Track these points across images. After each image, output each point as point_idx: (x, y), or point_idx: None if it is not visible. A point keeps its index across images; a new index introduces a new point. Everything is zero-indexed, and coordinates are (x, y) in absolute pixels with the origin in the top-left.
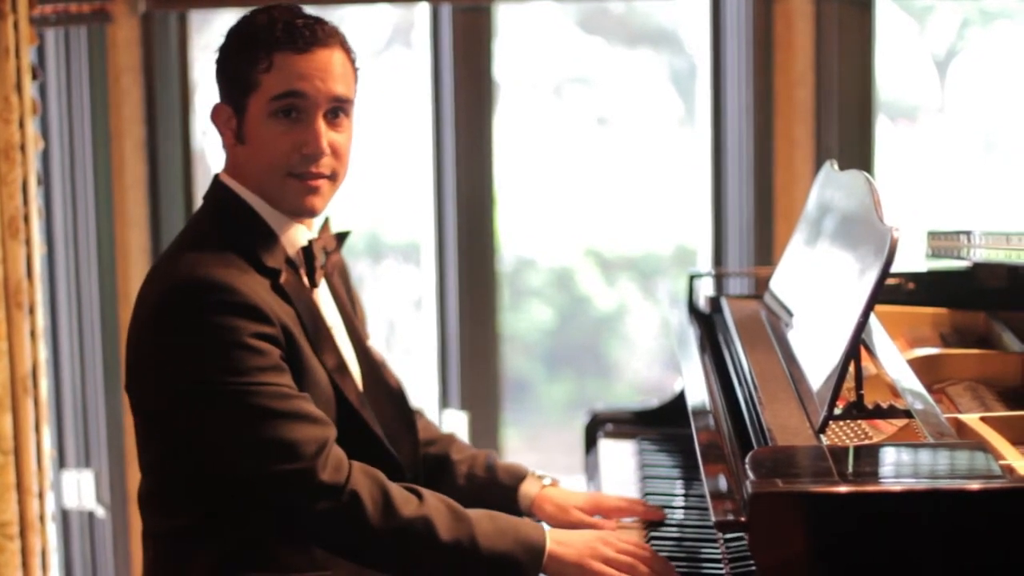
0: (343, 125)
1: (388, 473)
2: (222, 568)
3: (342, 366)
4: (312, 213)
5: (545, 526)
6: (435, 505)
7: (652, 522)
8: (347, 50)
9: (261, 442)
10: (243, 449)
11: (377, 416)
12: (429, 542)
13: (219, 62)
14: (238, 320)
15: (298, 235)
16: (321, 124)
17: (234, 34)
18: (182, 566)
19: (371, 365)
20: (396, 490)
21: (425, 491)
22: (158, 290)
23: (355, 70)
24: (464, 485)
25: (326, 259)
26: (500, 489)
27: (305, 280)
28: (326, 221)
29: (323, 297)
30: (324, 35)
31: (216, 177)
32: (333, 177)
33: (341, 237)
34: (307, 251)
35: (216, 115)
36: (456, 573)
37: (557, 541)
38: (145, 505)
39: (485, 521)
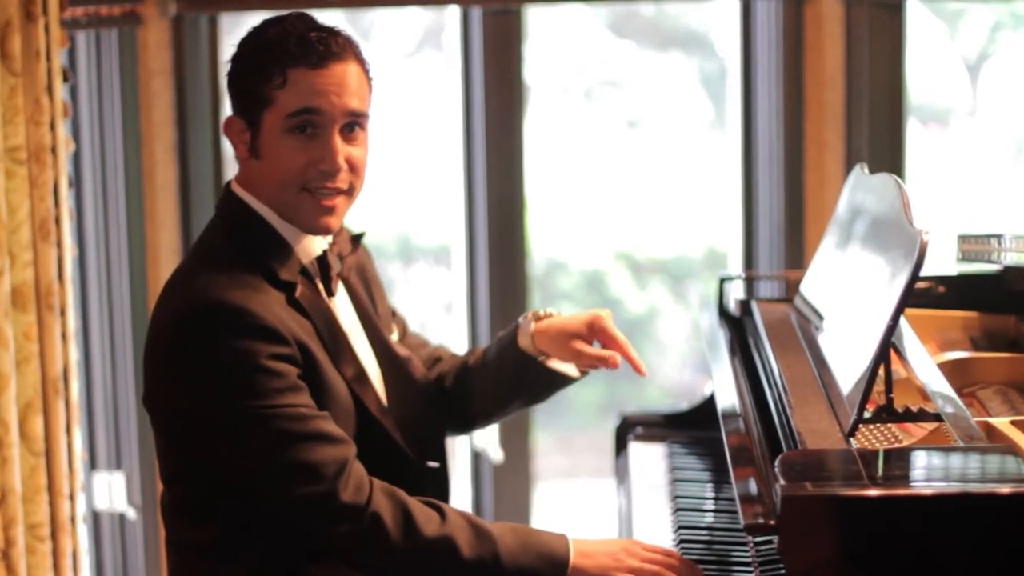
0: (359, 139)
1: (410, 480)
2: None
3: (361, 375)
4: (327, 231)
5: (568, 537)
6: (457, 523)
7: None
8: (361, 62)
9: (281, 465)
10: (263, 473)
11: (402, 414)
12: (452, 561)
13: (231, 74)
14: (254, 343)
15: (312, 245)
16: (337, 139)
17: (246, 48)
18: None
19: (394, 363)
20: (418, 509)
21: (447, 508)
22: (173, 312)
23: (369, 81)
24: (485, 369)
25: (341, 264)
26: (506, 346)
27: (321, 289)
28: (342, 229)
29: (340, 303)
30: (339, 48)
31: (228, 187)
32: (350, 192)
33: (355, 239)
34: (322, 260)
35: (229, 127)
36: None
37: (581, 553)
38: (168, 514)
39: (508, 536)
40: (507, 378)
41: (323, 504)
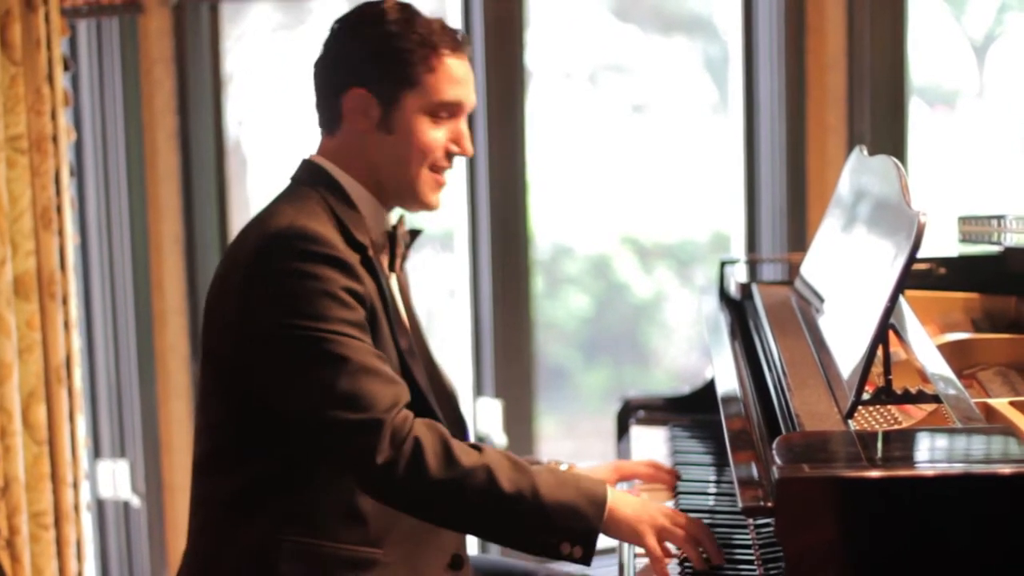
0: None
1: None
2: (274, 535)
3: (413, 352)
4: (435, 207)
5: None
6: (495, 457)
7: (677, 484)
8: None
9: (337, 390)
10: (318, 394)
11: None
12: (491, 492)
13: (360, 47)
14: (332, 271)
15: (383, 222)
16: (466, 126)
17: (388, 24)
18: (233, 532)
19: (429, 361)
20: (456, 442)
21: (485, 445)
22: (256, 237)
23: None
24: None
25: (405, 250)
26: None
27: (385, 264)
28: (401, 217)
29: (395, 288)
30: (463, 40)
31: (308, 160)
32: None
33: (414, 234)
34: (391, 236)
35: (352, 100)
36: (519, 523)
37: (618, 500)
38: (200, 469)
39: (546, 473)
40: None
41: (369, 432)
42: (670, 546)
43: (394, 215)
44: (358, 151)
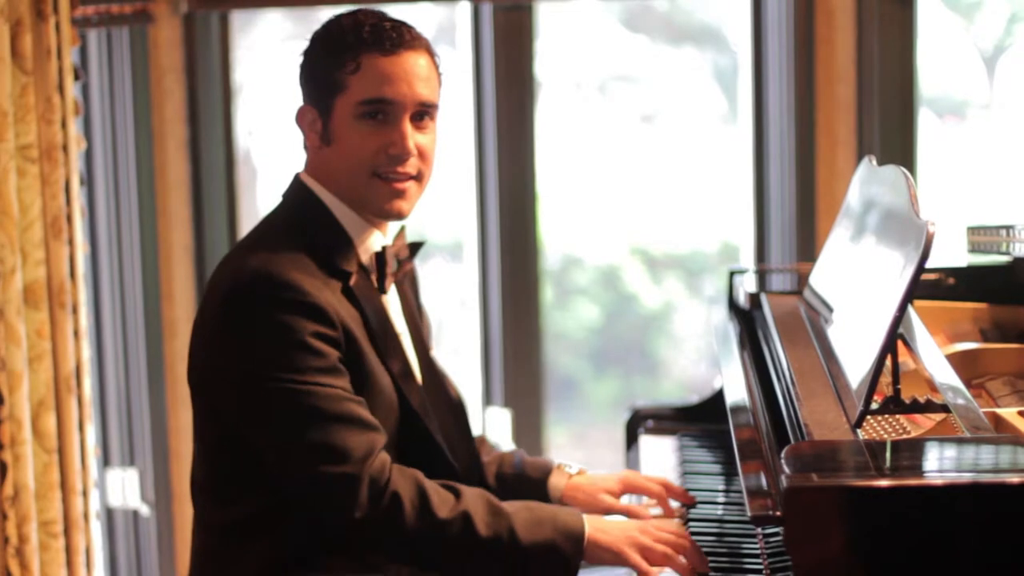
0: (428, 128)
1: (446, 479)
2: (273, 565)
3: (407, 372)
4: (399, 216)
5: (581, 514)
6: (472, 502)
7: (688, 507)
8: (432, 54)
9: (310, 443)
10: (292, 448)
11: (440, 423)
12: (469, 539)
13: (304, 64)
14: (299, 319)
15: (373, 241)
16: (408, 126)
17: (320, 36)
18: (233, 559)
19: (433, 376)
20: (433, 490)
21: (463, 488)
22: (227, 280)
23: (439, 75)
24: (494, 485)
25: (398, 267)
26: (529, 484)
27: (375, 285)
28: (401, 229)
29: (392, 304)
30: (411, 38)
31: (297, 176)
32: (419, 178)
33: (415, 247)
34: (380, 257)
35: (301, 117)
36: (499, 567)
37: (596, 528)
38: (199, 495)
39: (523, 512)
40: (508, 497)
41: (346, 486)
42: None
43: (394, 229)
44: (321, 168)
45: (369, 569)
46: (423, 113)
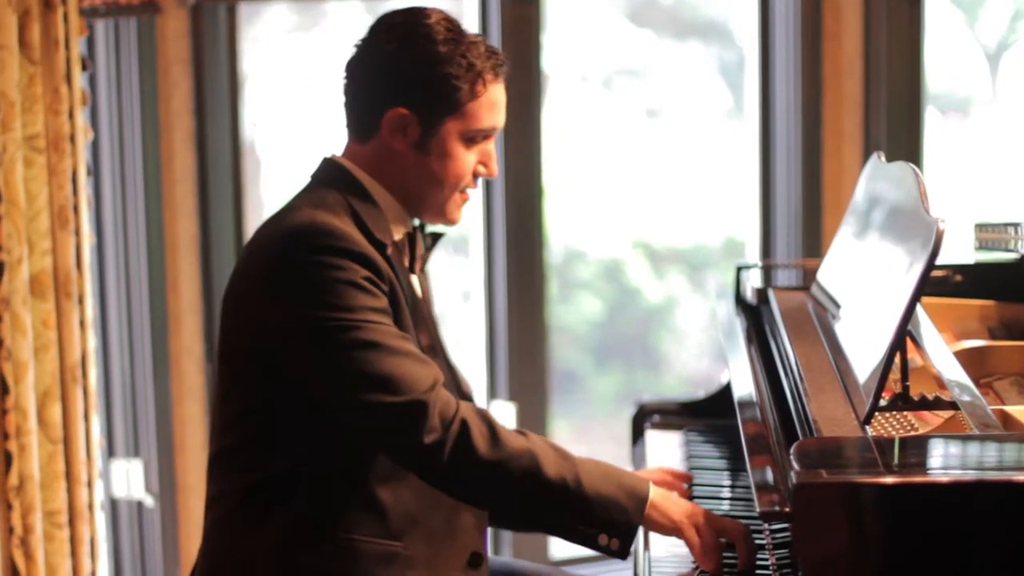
0: None
1: None
2: (293, 528)
3: (435, 348)
4: (457, 223)
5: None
6: (540, 443)
7: (689, 485)
8: None
9: (374, 376)
10: (356, 384)
11: None
12: (535, 476)
13: (414, 69)
14: (352, 263)
15: (403, 224)
16: (494, 148)
17: (440, 44)
18: (251, 525)
19: (448, 364)
20: (502, 426)
21: (530, 433)
22: (276, 234)
23: None
24: None
25: (426, 252)
26: None
27: (406, 264)
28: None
29: (419, 287)
30: (505, 64)
31: (330, 160)
32: None
33: (435, 237)
34: (411, 237)
35: (393, 118)
36: (560, 510)
37: (660, 495)
38: (218, 464)
39: (590, 464)
40: None
41: (412, 413)
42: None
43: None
44: (389, 164)
45: (391, 534)
46: None
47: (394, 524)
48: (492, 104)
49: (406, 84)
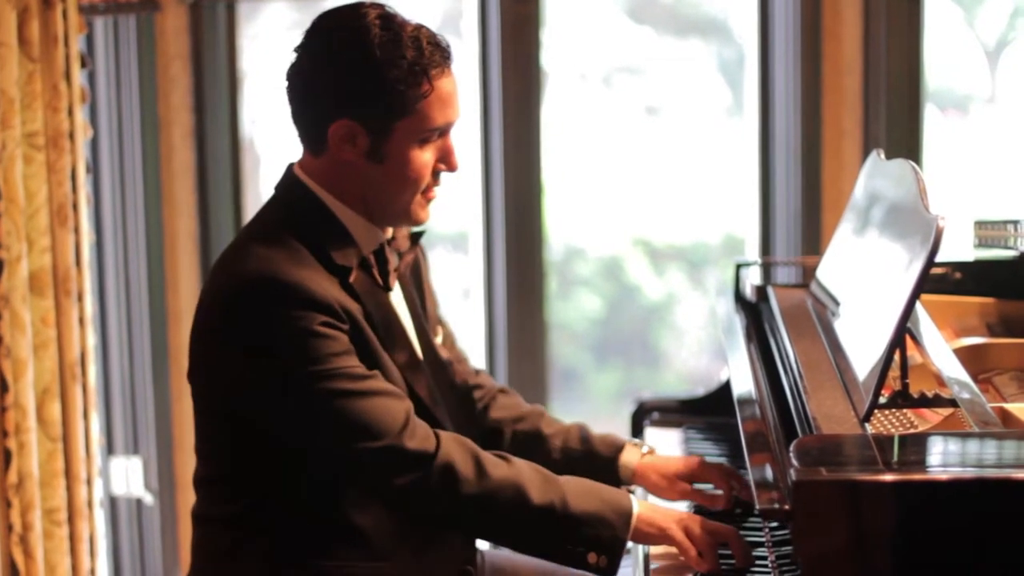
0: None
1: None
2: (276, 556)
3: (414, 363)
4: (425, 222)
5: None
6: (525, 469)
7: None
8: None
9: (346, 423)
10: (329, 433)
11: (446, 411)
12: (521, 505)
13: (352, 79)
14: (306, 312)
15: (373, 237)
16: (452, 141)
17: (377, 48)
18: (234, 551)
19: (437, 364)
20: (486, 455)
21: (513, 457)
22: (227, 285)
23: None
24: (559, 459)
25: (399, 260)
26: (599, 461)
27: (379, 280)
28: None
29: (395, 298)
30: (449, 50)
31: (291, 171)
32: None
33: (414, 237)
34: (379, 254)
35: (339, 131)
36: (548, 535)
37: (645, 507)
38: (201, 488)
39: (573, 483)
40: (574, 473)
41: (390, 456)
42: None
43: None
44: (344, 177)
45: (375, 556)
46: None
47: (377, 546)
48: (442, 99)
49: (347, 95)
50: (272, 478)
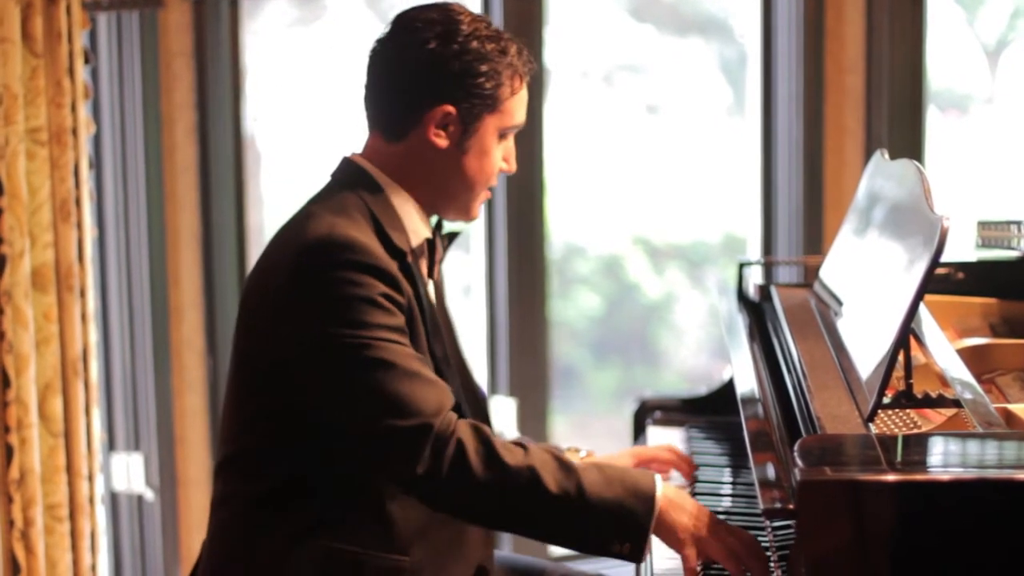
0: None
1: None
2: (299, 538)
3: (447, 358)
4: (475, 219)
5: (657, 478)
6: (541, 456)
7: (695, 483)
8: None
9: (383, 396)
10: (365, 401)
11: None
12: (537, 493)
13: (462, 66)
14: (371, 279)
15: (421, 228)
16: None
17: (484, 41)
18: (256, 534)
19: (463, 365)
20: (500, 442)
21: (531, 443)
22: (295, 244)
23: None
24: None
25: (444, 254)
26: None
27: (424, 270)
28: (439, 222)
29: (434, 293)
30: (533, 60)
31: (350, 160)
32: None
33: (451, 237)
34: (431, 243)
35: (437, 117)
36: (567, 523)
37: (669, 498)
38: (225, 470)
39: (593, 471)
40: None
41: (412, 439)
42: None
43: (433, 220)
44: (419, 164)
45: (397, 548)
46: None
47: (401, 538)
48: (523, 101)
49: (451, 81)
50: (302, 457)
